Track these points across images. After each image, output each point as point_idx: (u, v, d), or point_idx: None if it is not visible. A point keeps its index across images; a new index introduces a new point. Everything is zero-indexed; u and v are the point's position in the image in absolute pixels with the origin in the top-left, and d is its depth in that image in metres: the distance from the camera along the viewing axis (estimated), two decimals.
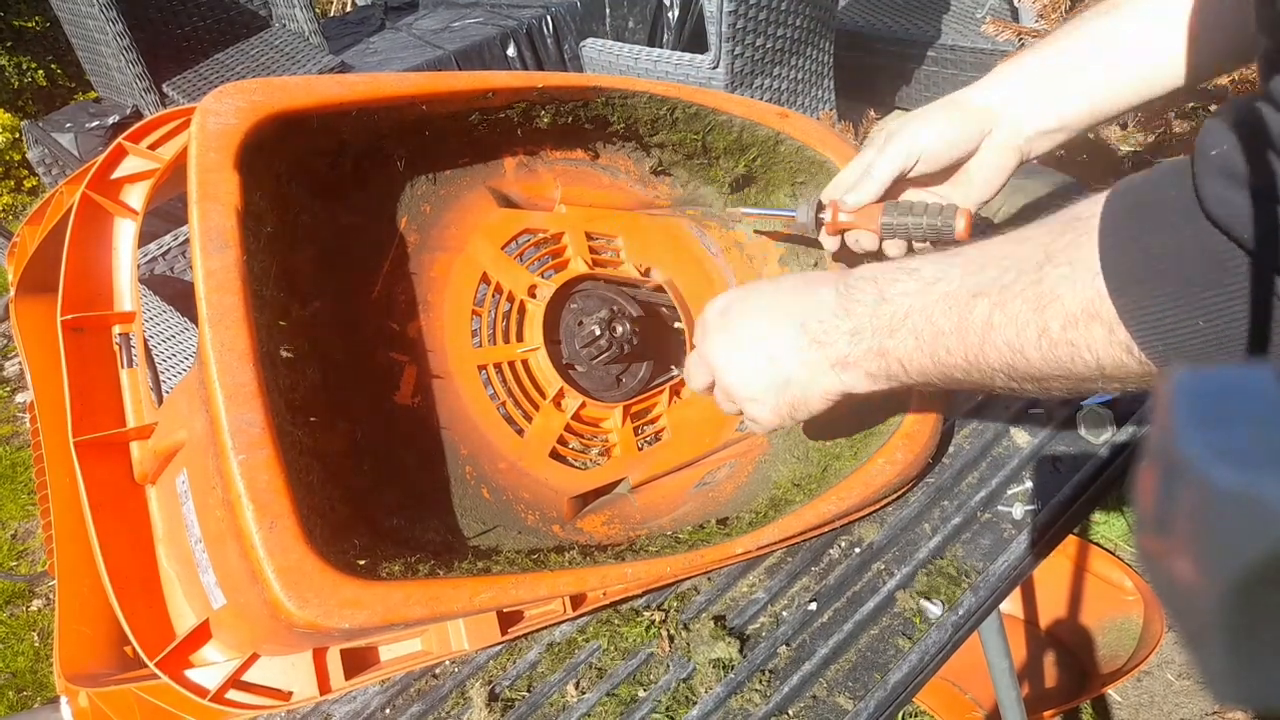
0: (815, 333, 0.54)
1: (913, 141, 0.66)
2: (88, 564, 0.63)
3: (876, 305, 0.52)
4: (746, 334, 0.58)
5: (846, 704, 0.61)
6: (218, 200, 0.52)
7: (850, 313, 0.53)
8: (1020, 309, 0.45)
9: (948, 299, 0.48)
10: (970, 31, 2.56)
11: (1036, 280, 0.44)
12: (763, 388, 0.57)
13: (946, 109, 0.66)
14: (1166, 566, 0.19)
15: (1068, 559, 1.63)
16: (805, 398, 0.57)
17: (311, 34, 2.83)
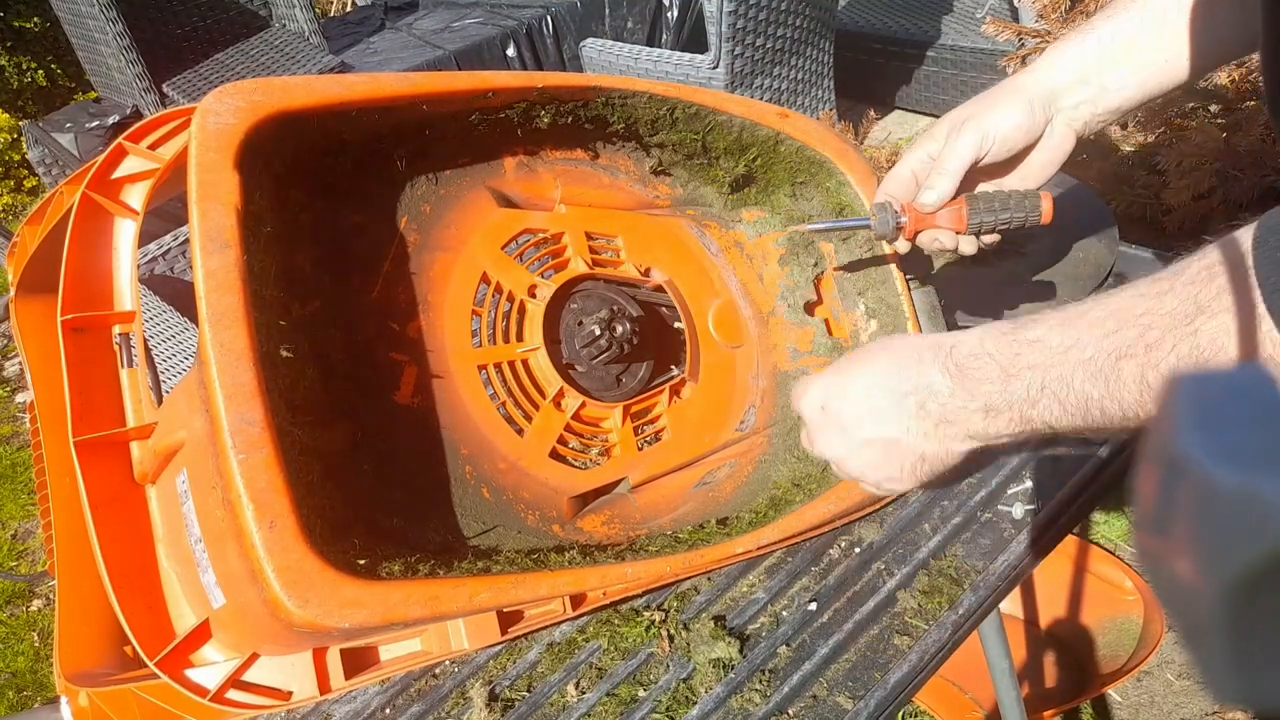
0: (938, 415, 0.54)
1: (983, 131, 0.65)
2: (88, 564, 0.63)
3: (1005, 382, 0.51)
4: (861, 429, 0.57)
5: (846, 704, 0.61)
6: (218, 200, 0.52)
7: (974, 393, 0.52)
8: (1176, 366, 0.44)
9: (1087, 366, 0.47)
10: (970, 31, 2.56)
11: (1191, 333, 0.43)
12: (895, 468, 0.57)
13: (1011, 95, 0.65)
14: (1166, 566, 0.19)
15: (1068, 559, 1.63)
16: (943, 464, 0.57)
17: (311, 34, 2.83)
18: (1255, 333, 0.41)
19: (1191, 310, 0.43)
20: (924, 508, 0.73)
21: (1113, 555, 1.62)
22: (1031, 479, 0.74)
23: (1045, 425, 0.51)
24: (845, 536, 0.72)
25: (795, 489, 0.72)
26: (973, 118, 0.66)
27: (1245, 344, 0.41)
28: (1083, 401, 0.48)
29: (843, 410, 0.57)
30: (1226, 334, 0.42)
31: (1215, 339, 0.42)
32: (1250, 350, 0.41)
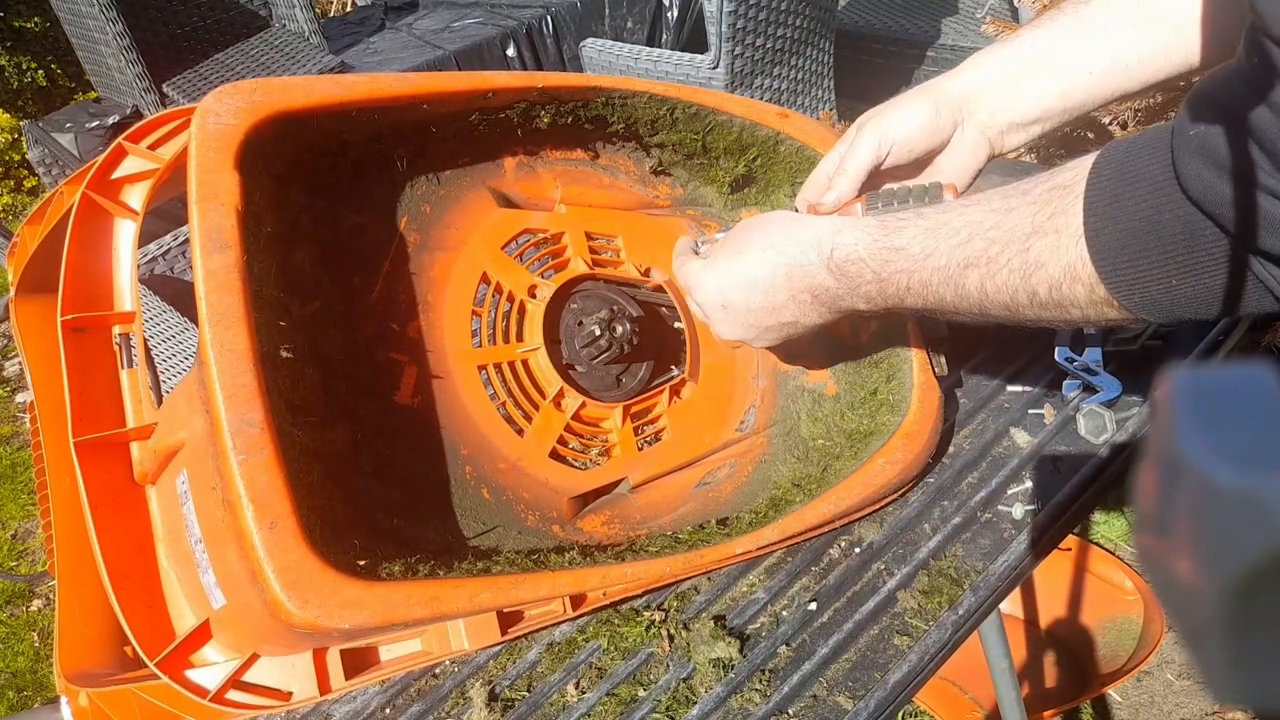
0: (830, 304, 0.60)
1: (883, 132, 0.65)
2: (88, 564, 0.63)
3: (879, 285, 0.57)
4: (761, 319, 0.63)
5: (846, 703, 0.61)
6: (218, 200, 0.52)
7: (856, 291, 0.58)
8: (1008, 278, 0.49)
9: (942, 273, 0.53)
10: (970, 31, 2.56)
11: (1024, 250, 0.48)
12: (774, 337, 0.65)
13: (918, 98, 0.66)
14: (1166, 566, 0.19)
15: (1068, 559, 1.63)
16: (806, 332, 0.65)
17: (311, 34, 2.83)
18: (1071, 249, 0.46)
19: (1028, 229, 0.48)
20: (924, 508, 0.73)
21: (1113, 555, 1.62)
22: (1031, 479, 0.74)
23: (913, 312, 0.58)
24: (845, 536, 0.72)
25: (795, 489, 0.72)
26: (874, 119, 0.67)
27: (1060, 259, 0.47)
28: (939, 300, 0.54)
29: (744, 306, 0.63)
30: (1050, 252, 0.47)
31: (1040, 256, 0.47)
32: (1062, 265, 0.47)
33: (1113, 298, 0.46)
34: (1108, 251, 0.45)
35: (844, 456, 0.73)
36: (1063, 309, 0.49)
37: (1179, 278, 0.43)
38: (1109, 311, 0.47)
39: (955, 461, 0.76)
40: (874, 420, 0.74)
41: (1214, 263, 0.42)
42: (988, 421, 0.79)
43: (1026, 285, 0.49)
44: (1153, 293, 0.44)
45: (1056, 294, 0.48)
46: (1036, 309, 0.50)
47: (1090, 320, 0.49)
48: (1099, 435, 0.76)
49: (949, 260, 0.52)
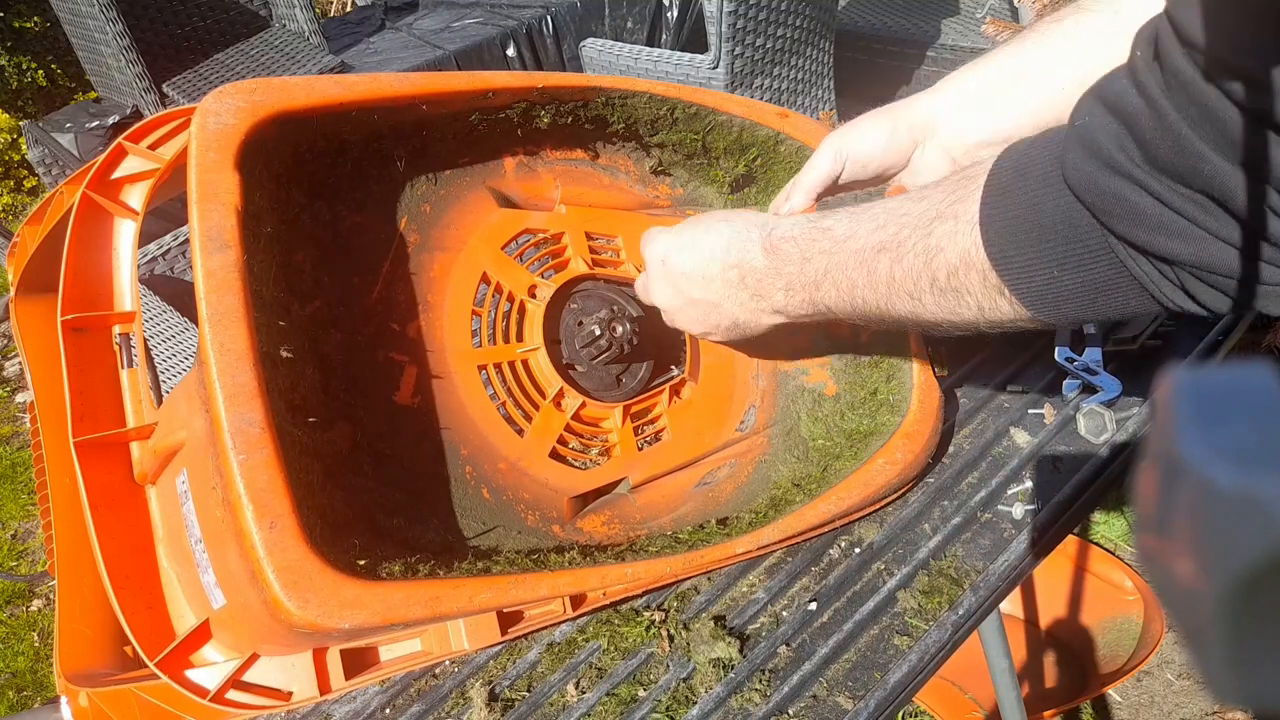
0: (754, 288, 0.60)
1: (839, 149, 0.67)
2: (88, 564, 0.63)
3: (802, 264, 0.57)
4: (691, 288, 0.63)
5: (846, 704, 0.61)
6: (218, 200, 0.52)
7: (780, 272, 0.58)
8: (913, 262, 0.50)
9: (857, 255, 0.53)
10: (970, 31, 2.56)
11: (926, 234, 0.49)
12: (712, 327, 0.65)
13: (880, 116, 0.67)
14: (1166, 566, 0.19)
15: (1068, 559, 1.63)
16: (753, 331, 0.64)
17: (311, 34, 2.83)
18: (967, 235, 0.46)
19: (933, 214, 0.49)
20: (924, 508, 0.73)
21: (1113, 555, 1.62)
22: (1031, 479, 0.74)
23: (827, 308, 0.57)
24: (845, 536, 0.72)
25: (795, 489, 0.72)
26: (836, 135, 0.68)
27: (957, 244, 0.47)
28: (851, 287, 0.54)
29: (680, 268, 0.64)
30: (949, 237, 0.48)
31: (939, 241, 0.48)
32: (959, 250, 0.47)
33: (1003, 286, 0.46)
34: (998, 238, 0.45)
35: (844, 456, 0.73)
36: (959, 296, 0.49)
37: (1060, 269, 0.43)
38: (1001, 303, 0.47)
39: (955, 461, 0.76)
40: (874, 420, 0.74)
41: (1091, 255, 0.42)
42: (988, 421, 0.79)
43: (928, 270, 0.49)
44: (1037, 283, 0.45)
45: (954, 280, 0.48)
46: (936, 296, 0.50)
47: (985, 315, 0.49)
48: (1099, 435, 0.76)
49: (865, 243, 0.53)
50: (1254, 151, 0.34)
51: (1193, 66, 0.35)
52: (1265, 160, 0.34)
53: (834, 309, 0.57)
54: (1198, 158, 0.36)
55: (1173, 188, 0.37)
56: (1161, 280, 0.41)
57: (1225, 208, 0.36)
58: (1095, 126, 0.40)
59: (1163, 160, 0.37)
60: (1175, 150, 0.36)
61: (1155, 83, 0.37)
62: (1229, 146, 0.35)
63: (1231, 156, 0.35)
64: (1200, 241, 0.38)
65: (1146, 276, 0.41)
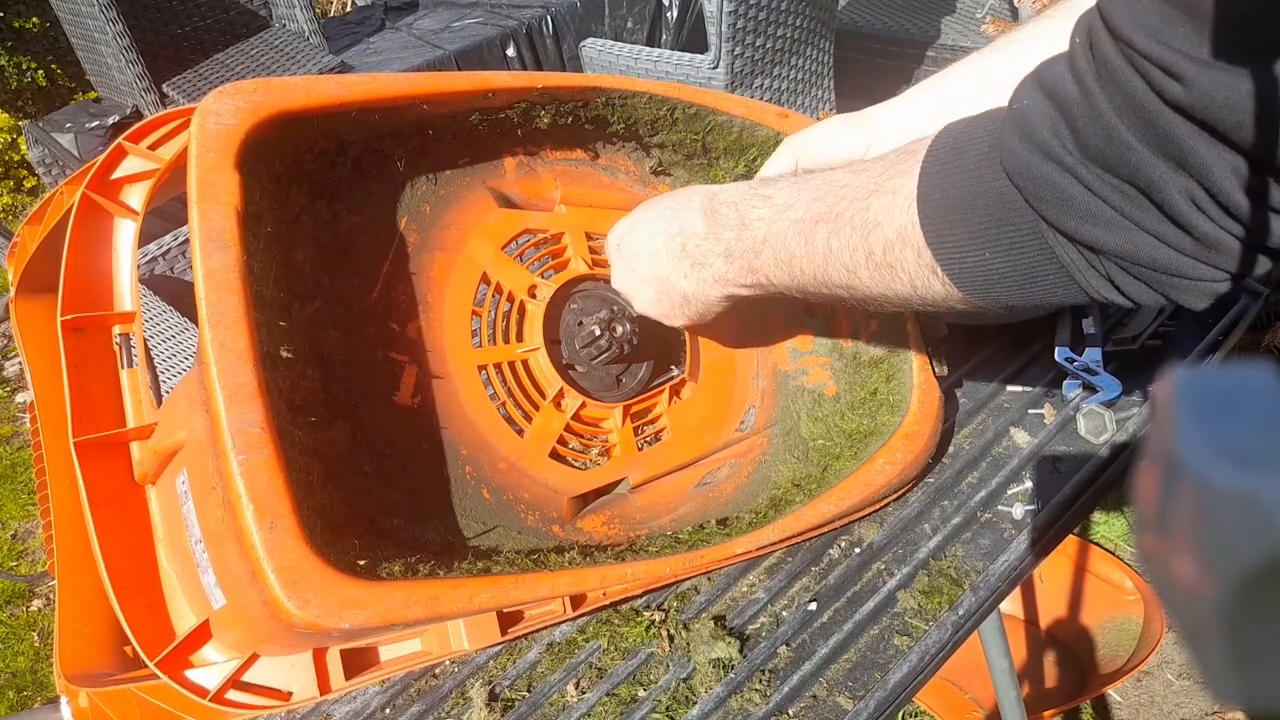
0: (695, 256, 0.60)
1: (796, 147, 0.68)
2: (88, 564, 0.63)
3: (740, 230, 0.57)
4: (641, 266, 0.64)
5: (846, 704, 0.61)
6: (218, 200, 0.52)
7: (719, 237, 0.58)
8: (850, 235, 0.50)
9: (796, 225, 0.53)
10: (970, 31, 2.56)
11: (864, 208, 0.49)
12: (669, 306, 0.65)
13: (841, 120, 0.68)
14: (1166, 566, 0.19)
15: (1068, 559, 1.63)
16: (705, 308, 0.64)
17: (311, 34, 2.83)
18: (904, 210, 0.47)
19: (871, 188, 0.49)
20: (924, 508, 0.73)
21: (1113, 555, 1.62)
22: (1031, 479, 0.74)
23: (766, 278, 0.57)
24: (845, 536, 0.72)
25: (795, 489, 0.72)
26: (794, 137, 0.69)
27: (894, 219, 0.47)
28: (789, 257, 0.54)
29: (630, 248, 0.64)
30: (886, 211, 0.48)
31: (876, 214, 0.48)
32: (895, 225, 0.47)
33: (936, 265, 0.46)
34: (934, 216, 0.45)
35: (844, 457, 0.73)
36: (893, 272, 0.49)
37: (991, 250, 0.43)
38: (934, 281, 0.47)
39: (955, 461, 0.76)
40: (874, 420, 0.74)
41: (1022, 239, 0.42)
42: (988, 421, 0.79)
43: (865, 244, 0.49)
44: (969, 264, 0.45)
45: (889, 255, 0.48)
46: (872, 270, 0.49)
47: (918, 292, 0.49)
48: (1099, 435, 0.76)
49: (804, 213, 0.53)
50: (1175, 143, 0.34)
51: (1120, 56, 0.35)
52: (1185, 152, 0.34)
53: (773, 279, 0.56)
54: (1125, 147, 0.36)
55: (1101, 176, 0.38)
56: (1088, 269, 0.41)
57: (1150, 199, 0.37)
58: (1032, 110, 0.40)
59: (1093, 148, 0.37)
60: (1104, 139, 0.37)
61: (1089, 70, 0.37)
62: (1153, 137, 0.35)
63: (1155, 147, 0.35)
64: (1126, 232, 0.38)
65: (1074, 264, 0.41)
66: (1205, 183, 0.35)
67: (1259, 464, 0.17)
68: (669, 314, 0.66)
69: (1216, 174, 0.34)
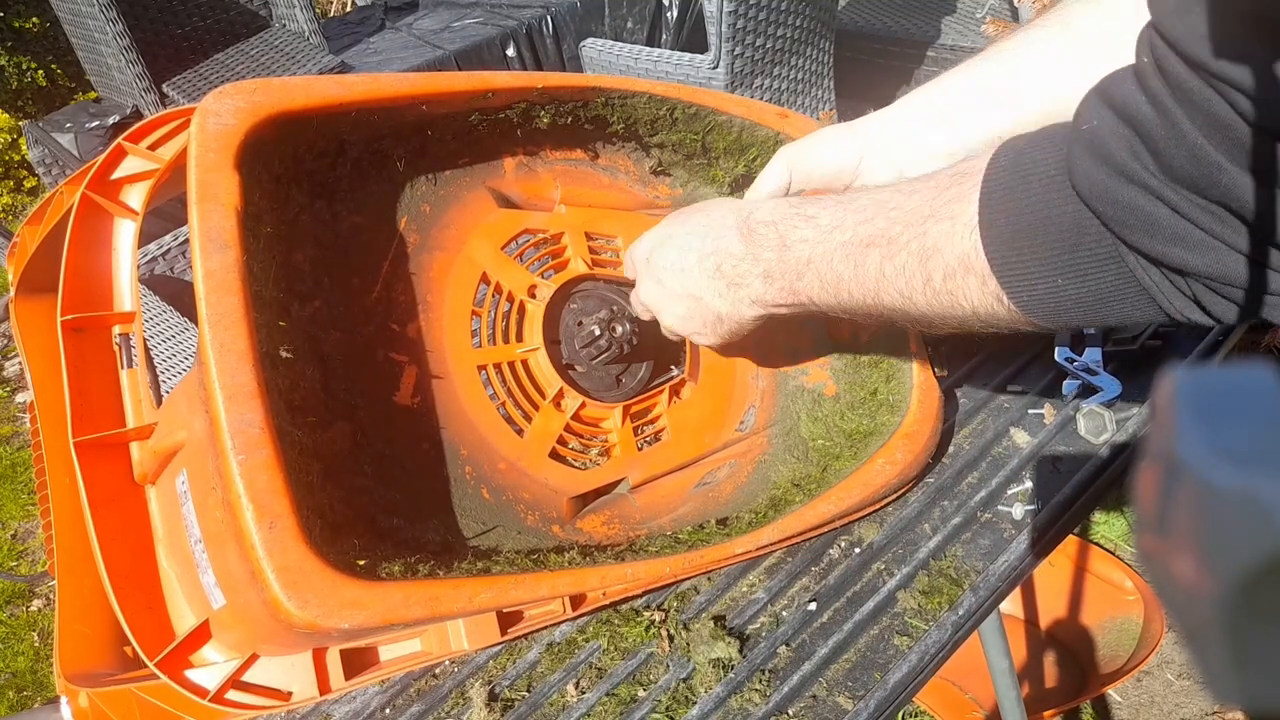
0: (731, 276, 0.59)
1: (786, 159, 0.67)
2: (88, 564, 0.62)
3: (781, 251, 0.55)
4: (672, 282, 0.62)
5: (846, 704, 0.61)
6: (217, 200, 0.52)
7: (758, 258, 0.57)
8: (907, 261, 0.48)
9: (844, 248, 0.52)
10: (970, 31, 2.56)
11: (921, 234, 0.48)
12: (700, 324, 0.63)
13: (834, 130, 0.67)
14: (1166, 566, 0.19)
15: (1068, 559, 1.63)
16: (738, 326, 0.62)
17: (311, 34, 2.83)
18: (965, 238, 0.45)
19: (926, 212, 0.48)
20: (924, 508, 0.73)
21: (1113, 555, 1.62)
22: (1031, 479, 0.74)
23: (809, 299, 0.56)
24: (845, 536, 0.72)
25: (795, 489, 0.72)
26: (788, 148, 0.68)
27: (955, 246, 0.46)
28: (836, 280, 0.53)
29: (661, 263, 0.63)
30: (945, 237, 0.46)
31: (936, 241, 0.47)
32: (957, 253, 0.46)
33: (1002, 293, 0.45)
34: (999, 243, 0.44)
35: (844, 457, 0.73)
36: (954, 299, 0.47)
37: (1065, 277, 0.42)
38: (998, 309, 0.46)
39: (955, 461, 0.76)
40: (874, 420, 0.74)
41: (1099, 263, 0.41)
42: (988, 421, 0.79)
43: (923, 270, 0.48)
44: (1040, 291, 0.44)
45: (950, 283, 0.47)
46: (929, 297, 0.48)
47: (980, 317, 0.48)
48: (1099, 435, 0.76)
49: (853, 235, 0.51)
50: (1262, 159, 0.34)
51: (1193, 76, 0.34)
52: (1273, 169, 0.34)
53: (816, 301, 0.55)
54: (1215, 168, 0.35)
55: (1189, 199, 0.36)
56: (1172, 291, 0.40)
57: (1241, 218, 0.36)
58: (1105, 131, 0.39)
59: (1178, 170, 0.36)
60: (1191, 160, 0.35)
61: (1163, 90, 0.36)
62: (1241, 155, 0.34)
63: (1244, 165, 0.34)
64: (1217, 253, 0.37)
65: (1156, 287, 0.40)
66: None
67: (1259, 464, 0.17)
68: (700, 332, 0.64)
69: None
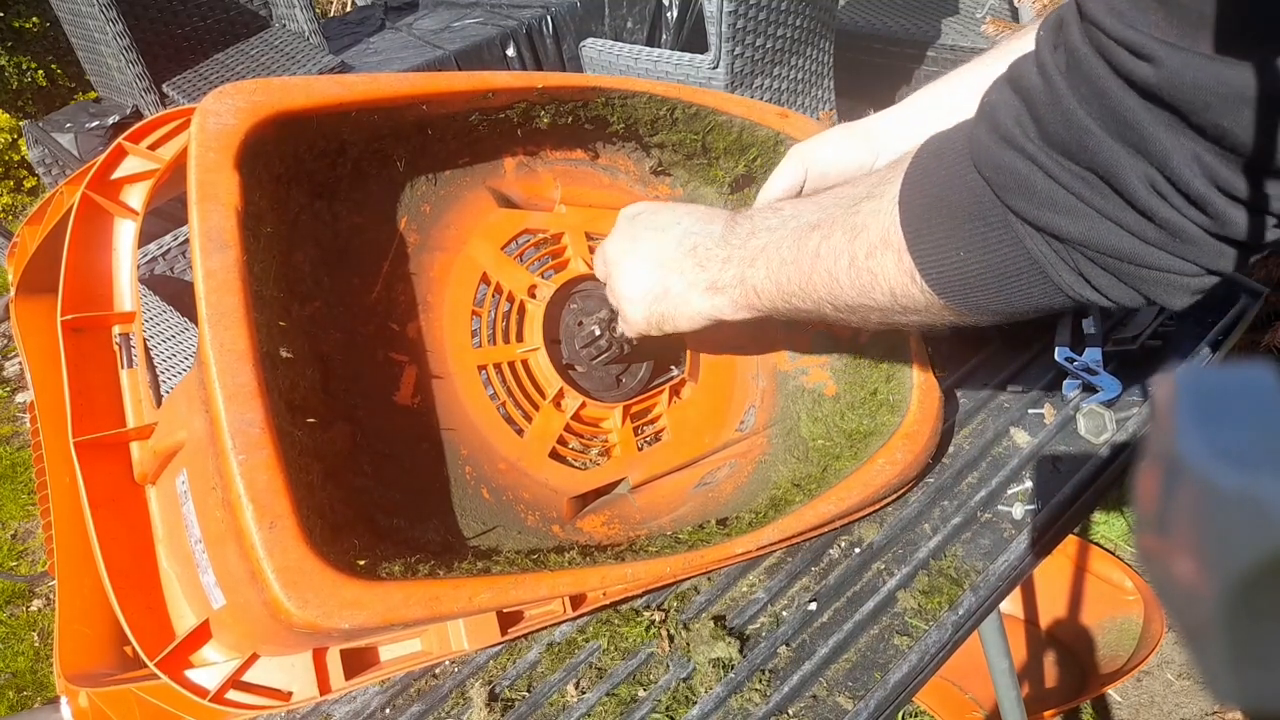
0: (701, 256, 0.60)
1: (802, 156, 0.68)
2: (88, 564, 0.62)
3: (748, 238, 0.57)
4: (646, 240, 0.63)
5: (846, 704, 0.61)
6: (217, 200, 0.52)
7: (728, 242, 0.58)
8: (839, 239, 0.50)
9: (795, 233, 0.53)
10: (970, 31, 2.56)
11: (854, 212, 0.49)
12: (643, 291, 0.62)
13: (843, 130, 0.68)
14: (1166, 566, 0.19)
15: (1068, 559, 1.63)
16: (675, 312, 0.62)
17: (311, 34, 2.83)
18: (888, 213, 0.47)
19: (864, 194, 0.49)
20: (924, 508, 0.73)
21: (1113, 555, 1.62)
22: (1031, 479, 0.74)
23: (754, 291, 0.56)
24: (845, 536, 0.72)
25: (795, 489, 0.72)
26: (800, 146, 0.69)
27: (879, 222, 0.47)
28: (780, 264, 0.54)
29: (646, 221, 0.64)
30: (872, 215, 0.48)
31: (865, 219, 0.48)
32: (880, 228, 0.47)
33: (915, 270, 0.46)
34: (913, 217, 0.45)
35: (844, 456, 0.73)
36: (874, 278, 0.48)
37: (967, 250, 0.43)
38: (913, 289, 0.47)
39: (955, 461, 0.76)
40: (874, 420, 0.74)
41: (995, 233, 0.42)
42: (988, 421, 0.79)
43: (850, 247, 0.49)
44: (947, 266, 0.45)
45: (871, 260, 0.48)
46: (853, 276, 0.49)
47: (898, 300, 0.48)
48: (1099, 435, 0.76)
49: (805, 220, 0.53)
50: (1134, 129, 0.35)
51: (1087, 43, 0.36)
52: (1145, 139, 0.34)
53: (759, 291, 0.56)
54: (1083, 132, 0.36)
55: (1060, 162, 0.38)
56: (1058, 262, 0.41)
57: (1110, 185, 0.37)
58: (998, 103, 0.41)
59: (1053, 134, 0.38)
60: (1064, 124, 0.37)
61: (1054, 62, 0.38)
62: (1113, 122, 0.35)
63: (1115, 133, 0.35)
64: (1088, 219, 0.38)
65: (1044, 258, 0.41)
66: (1165, 169, 0.35)
67: (1259, 464, 0.17)
68: (635, 299, 0.63)
69: (1176, 160, 0.34)
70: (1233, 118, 0.32)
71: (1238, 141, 0.32)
